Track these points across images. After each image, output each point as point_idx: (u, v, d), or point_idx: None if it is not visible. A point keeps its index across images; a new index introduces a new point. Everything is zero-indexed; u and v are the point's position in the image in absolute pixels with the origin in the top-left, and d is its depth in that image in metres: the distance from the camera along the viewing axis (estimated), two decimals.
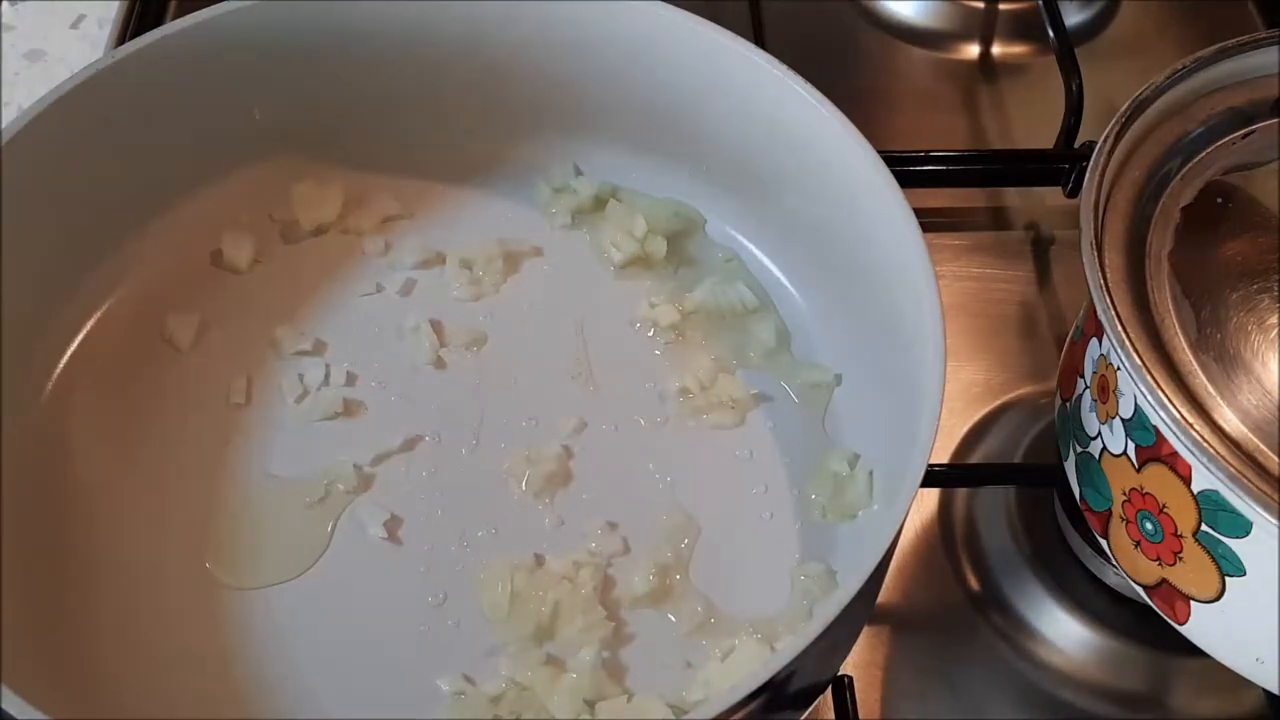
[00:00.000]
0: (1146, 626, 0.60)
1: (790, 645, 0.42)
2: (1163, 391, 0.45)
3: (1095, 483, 0.53)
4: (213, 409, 0.60)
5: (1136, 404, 0.49)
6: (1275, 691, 0.50)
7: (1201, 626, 0.51)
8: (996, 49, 0.84)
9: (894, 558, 0.51)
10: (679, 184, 0.66)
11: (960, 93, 0.82)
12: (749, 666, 0.52)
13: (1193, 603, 0.50)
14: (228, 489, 0.58)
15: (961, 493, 0.65)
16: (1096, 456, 0.52)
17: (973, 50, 0.84)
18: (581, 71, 0.63)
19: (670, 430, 0.60)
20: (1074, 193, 0.72)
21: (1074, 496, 0.55)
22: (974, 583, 0.62)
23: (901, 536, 0.46)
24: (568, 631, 0.54)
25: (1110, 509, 0.52)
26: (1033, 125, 0.79)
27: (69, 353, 0.61)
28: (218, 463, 0.59)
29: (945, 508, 0.64)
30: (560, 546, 0.57)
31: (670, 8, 0.59)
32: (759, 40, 0.69)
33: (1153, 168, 0.52)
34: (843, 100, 0.56)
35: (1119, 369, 0.50)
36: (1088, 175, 0.50)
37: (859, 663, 0.59)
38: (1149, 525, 0.50)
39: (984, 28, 0.85)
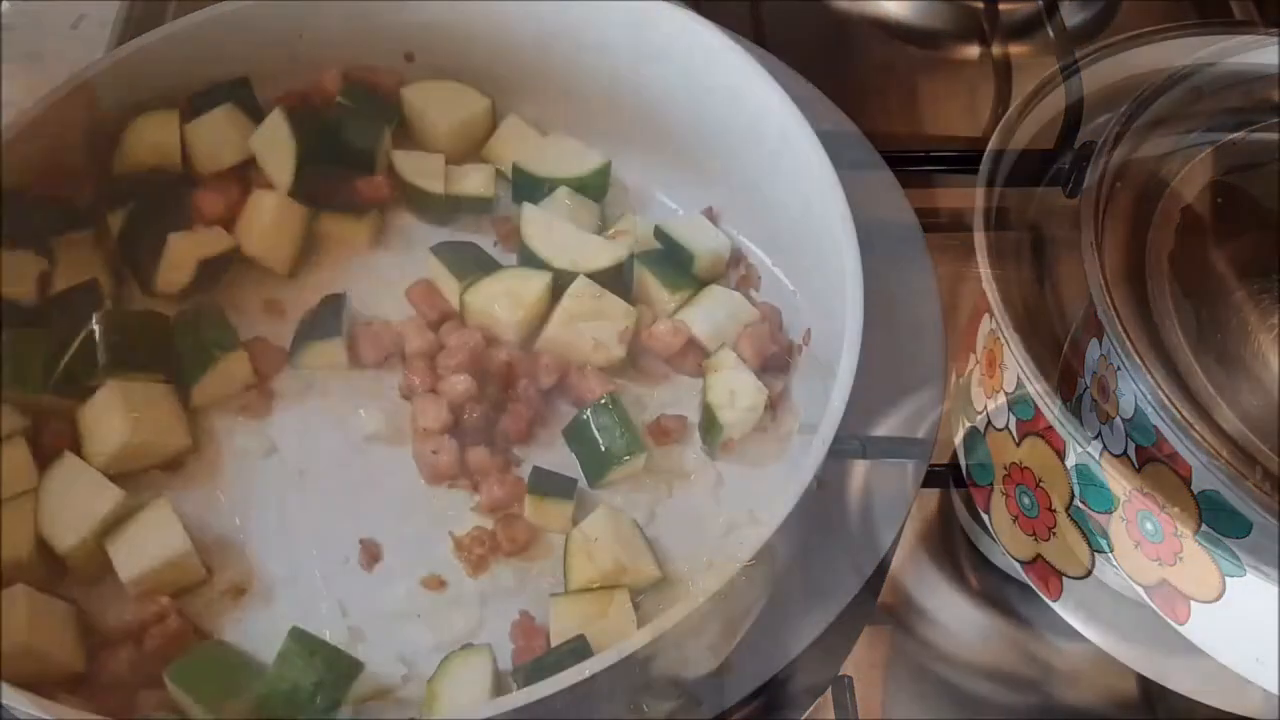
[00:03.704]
0: (1145, 627, 0.60)
1: (790, 646, 0.42)
2: (1163, 391, 0.45)
3: (1096, 483, 0.53)
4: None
5: (1136, 404, 0.49)
6: (1275, 691, 0.50)
7: (1201, 626, 0.51)
8: (996, 49, 0.84)
9: (894, 558, 0.51)
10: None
11: (960, 93, 0.82)
12: None
13: (1193, 603, 0.50)
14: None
15: (962, 493, 0.65)
16: (1097, 457, 0.52)
17: (973, 50, 0.84)
18: (576, 69, 0.63)
19: None
20: (1074, 193, 0.71)
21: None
22: (974, 583, 0.62)
23: (902, 537, 0.46)
24: None
25: (1111, 510, 0.52)
26: (1032, 125, 0.79)
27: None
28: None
29: (946, 508, 0.64)
30: None
31: (665, 4, 0.59)
32: (759, 40, 0.68)
33: (1153, 168, 0.52)
34: (843, 100, 0.56)
35: (1119, 369, 0.50)
36: (1088, 175, 0.50)
37: (859, 663, 0.59)
38: (1149, 525, 0.50)
39: (984, 28, 0.85)
